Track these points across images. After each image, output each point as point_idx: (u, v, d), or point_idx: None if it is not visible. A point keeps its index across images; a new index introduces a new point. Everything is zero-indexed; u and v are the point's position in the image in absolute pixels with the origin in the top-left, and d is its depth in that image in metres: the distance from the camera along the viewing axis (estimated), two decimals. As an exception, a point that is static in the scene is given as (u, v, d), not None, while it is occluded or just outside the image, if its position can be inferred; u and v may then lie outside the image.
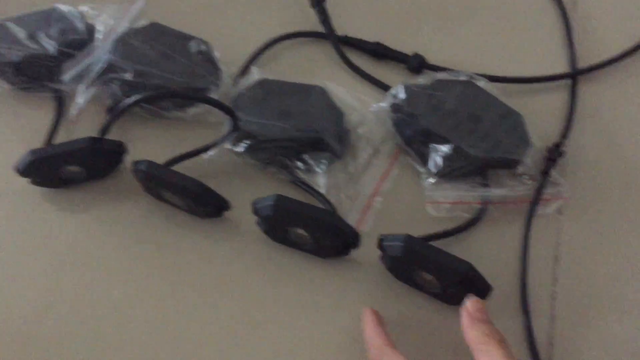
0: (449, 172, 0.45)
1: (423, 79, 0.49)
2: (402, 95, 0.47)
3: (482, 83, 0.48)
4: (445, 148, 0.44)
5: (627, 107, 0.52)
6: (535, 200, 0.45)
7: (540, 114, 0.50)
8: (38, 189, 0.44)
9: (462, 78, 0.48)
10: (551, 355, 0.39)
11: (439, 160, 0.45)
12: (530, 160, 0.45)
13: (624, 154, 0.49)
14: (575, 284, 0.42)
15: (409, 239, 0.38)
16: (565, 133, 0.49)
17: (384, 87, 0.51)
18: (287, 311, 0.40)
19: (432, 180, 0.45)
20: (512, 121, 0.46)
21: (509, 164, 0.45)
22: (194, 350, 0.38)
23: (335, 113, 0.47)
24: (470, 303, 0.35)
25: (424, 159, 0.46)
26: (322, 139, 0.45)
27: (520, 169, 0.45)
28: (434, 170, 0.45)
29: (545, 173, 0.46)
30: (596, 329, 0.40)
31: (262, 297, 0.41)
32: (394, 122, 0.48)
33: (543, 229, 0.44)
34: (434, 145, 0.45)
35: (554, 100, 0.52)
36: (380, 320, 0.37)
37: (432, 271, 0.38)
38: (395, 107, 0.47)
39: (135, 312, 0.40)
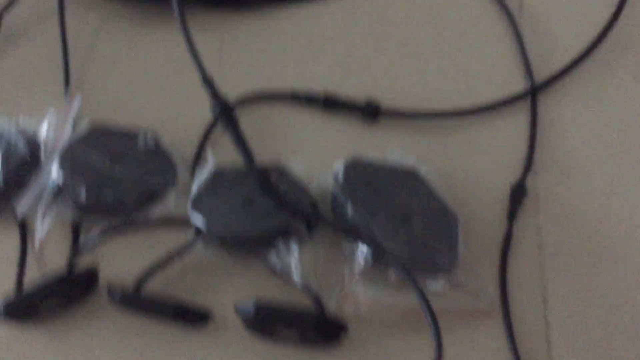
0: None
1: (370, 158, 0.46)
2: (340, 176, 0.45)
3: (425, 169, 0.46)
4: (365, 248, 0.42)
5: (591, 123, 0.52)
6: (506, 249, 0.45)
7: (500, 148, 0.50)
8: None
9: (409, 163, 0.46)
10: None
11: (360, 259, 0.42)
12: (461, 273, 0.42)
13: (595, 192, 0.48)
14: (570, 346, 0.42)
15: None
16: (528, 165, 0.49)
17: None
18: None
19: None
20: (445, 223, 0.43)
21: (435, 271, 0.42)
22: None
23: (298, 190, 0.46)
24: None
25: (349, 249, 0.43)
26: (291, 225, 0.44)
27: (445, 278, 0.41)
28: (355, 269, 0.42)
29: (511, 216, 0.46)
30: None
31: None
32: (332, 205, 0.45)
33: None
34: (359, 243, 0.42)
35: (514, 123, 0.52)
36: None
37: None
38: (334, 190, 0.45)
39: None
